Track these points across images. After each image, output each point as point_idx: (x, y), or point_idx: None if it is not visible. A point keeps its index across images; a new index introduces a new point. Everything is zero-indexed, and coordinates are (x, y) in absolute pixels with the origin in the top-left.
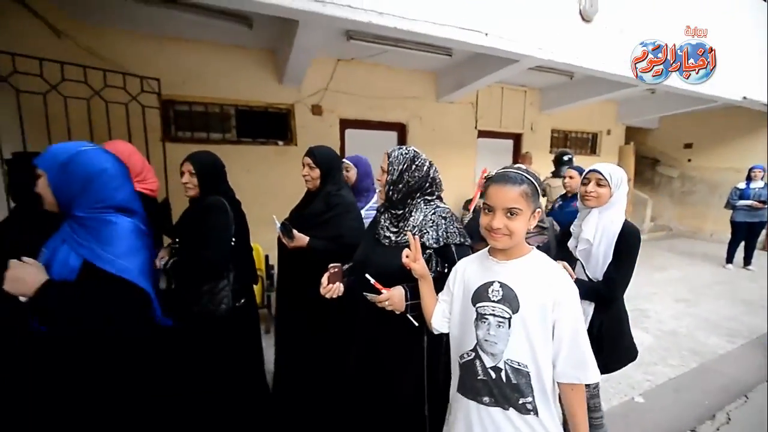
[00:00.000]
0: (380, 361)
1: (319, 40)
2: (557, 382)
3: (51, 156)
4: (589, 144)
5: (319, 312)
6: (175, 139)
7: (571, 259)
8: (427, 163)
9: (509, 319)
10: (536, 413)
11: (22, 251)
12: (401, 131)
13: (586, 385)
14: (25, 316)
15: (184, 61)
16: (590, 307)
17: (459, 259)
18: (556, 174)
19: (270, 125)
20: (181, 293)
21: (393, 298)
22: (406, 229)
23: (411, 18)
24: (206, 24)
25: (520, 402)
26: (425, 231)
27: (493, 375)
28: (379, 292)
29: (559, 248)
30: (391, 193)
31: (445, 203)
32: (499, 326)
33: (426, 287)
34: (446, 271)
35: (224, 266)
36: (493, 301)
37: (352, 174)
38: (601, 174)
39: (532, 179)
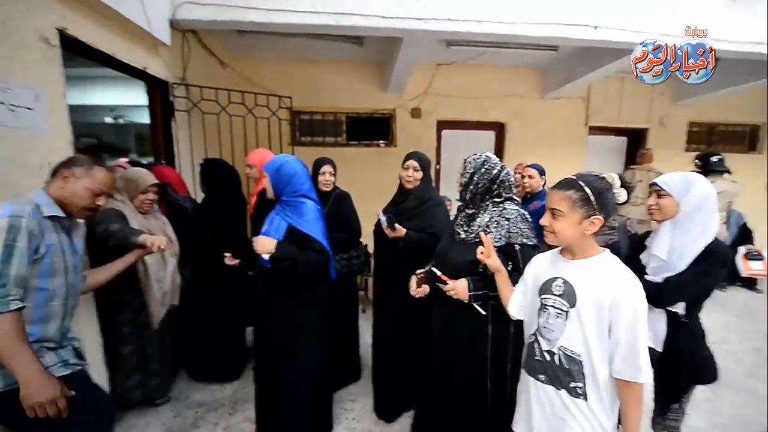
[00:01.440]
0: (451, 342)
1: (420, 51)
2: (614, 378)
3: (272, 164)
4: (746, 139)
5: (409, 298)
6: (299, 143)
7: (642, 271)
8: (498, 167)
9: (567, 312)
10: (585, 398)
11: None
12: (500, 131)
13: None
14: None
15: (307, 78)
16: (662, 324)
17: (523, 258)
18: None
19: (374, 129)
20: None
21: (457, 288)
22: (473, 228)
23: (510, 21)
24: (326, 46)
25: (571, 385)
26: (489, 230)
27: (548, 357)
28: (445, 283)
29: (632, 257)
30: (464, 193)
31: (516, 205)
32: (557, 317)
33: (501, 279)
34: (508, 268)
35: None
36: (555, 295)
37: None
38: (657, 185)
39: (584, 186)
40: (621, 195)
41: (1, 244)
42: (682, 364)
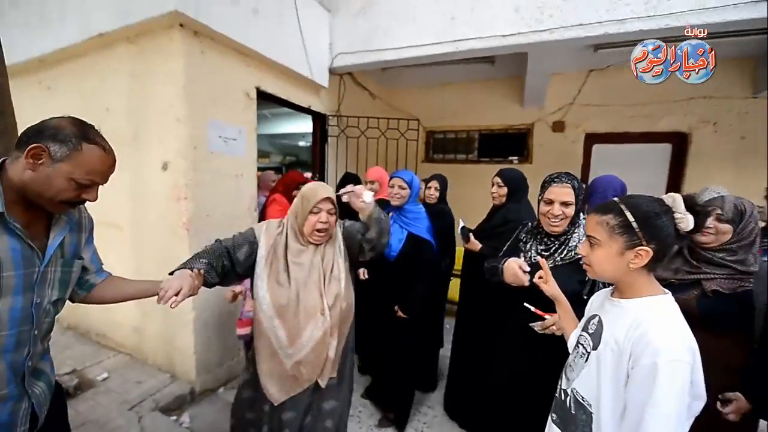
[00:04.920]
0: (528, 376)
1: (554, 61)
2: None
3: (414, 179)
4: None
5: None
6: (431, 160)
7: None
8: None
9: (589, 354)
10: None
11: None
12: (680, 142)
13: None
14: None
15: (443, 100)
16: None
17: None
18: None
19: (509, 145)
20: None
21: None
22: (569, 250)
23: (662, 13)
24: (459, 69)
25: None
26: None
27: (562, 396)
28: (542, 319)
29: None
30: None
31: None
32: (581, 357)
33: (560, 309)
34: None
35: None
36: (589, 333)
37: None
38: None
39: (624, 210)
40: (685, 220)
41: None
42: None
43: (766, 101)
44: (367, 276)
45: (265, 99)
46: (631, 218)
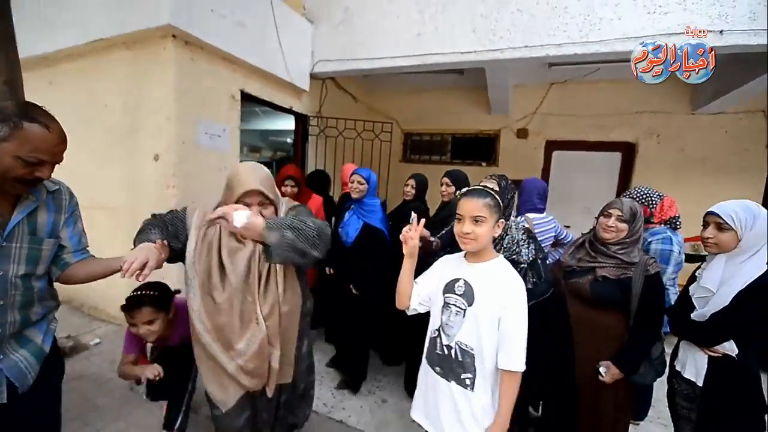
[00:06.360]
0: None
1: (511, 75)
2: (498, 369)
3: (372, 176)
4: None
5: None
6: (409, 160)
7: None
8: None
9: (465, 310)
10: (472, 388)
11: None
12: (628, 152)
13: None
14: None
15: (420, 105)
16: (703, 359)
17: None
18: None
19: (478, 148)
20: None
21: None
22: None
23: (593, 40)
24: (433, 77)
25: (462, 377)
26: (518, 249)
27: (446, 351)
28: None
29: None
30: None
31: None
32: (457, 314)
33: (406, 263)
34: (533, 280)
35: None
36: (457, 295)
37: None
38: (720, 217)
39: (495, 195)
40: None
41: None
42: (722, 406)
43: (703, 117)
44: (332, 272)
45: (249, 100)
46: (499, 200)
